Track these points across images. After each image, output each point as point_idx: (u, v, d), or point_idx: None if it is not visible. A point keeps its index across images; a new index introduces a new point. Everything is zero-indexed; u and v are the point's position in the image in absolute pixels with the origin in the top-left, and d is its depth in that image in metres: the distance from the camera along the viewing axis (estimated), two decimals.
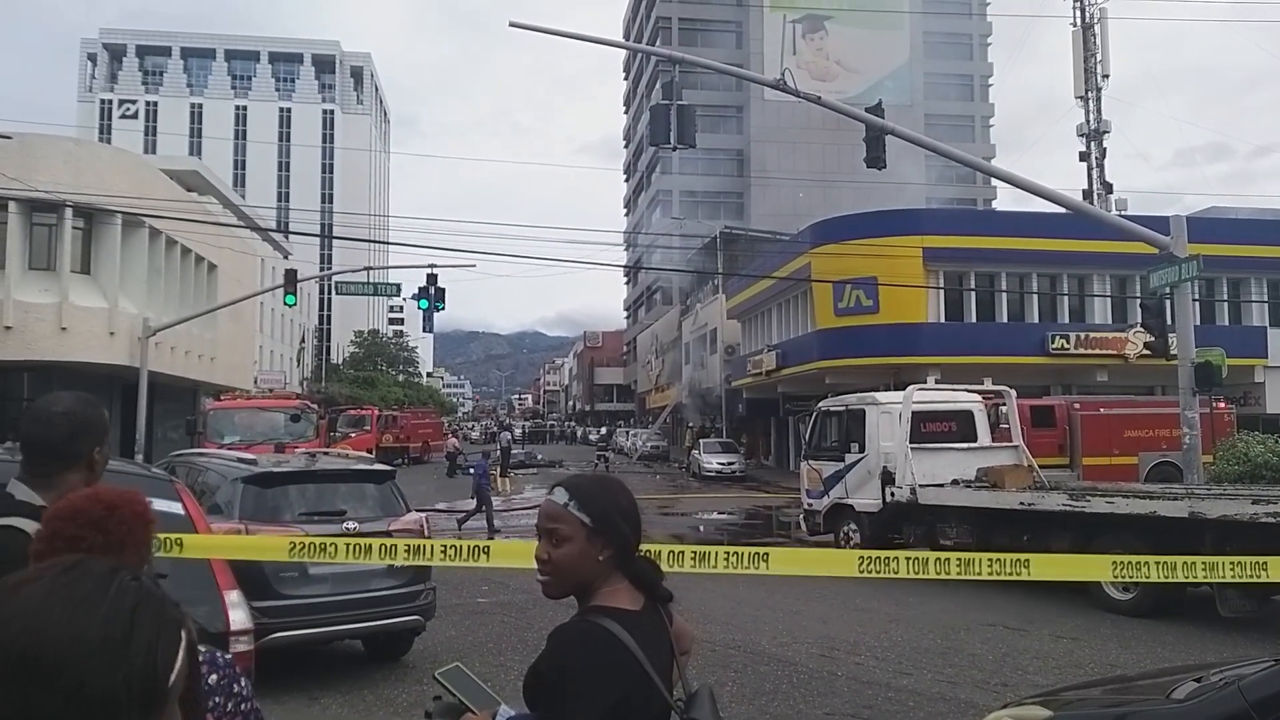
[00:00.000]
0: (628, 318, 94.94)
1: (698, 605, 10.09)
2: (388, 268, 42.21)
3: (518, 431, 74.73)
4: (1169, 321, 15.98)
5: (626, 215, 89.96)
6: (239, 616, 4.17)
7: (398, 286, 32.95)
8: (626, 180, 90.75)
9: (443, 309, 26.48)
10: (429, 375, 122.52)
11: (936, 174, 55.89)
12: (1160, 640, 8.65)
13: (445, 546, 3.54)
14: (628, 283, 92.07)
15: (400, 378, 75.31)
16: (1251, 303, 30.96)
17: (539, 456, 45.18)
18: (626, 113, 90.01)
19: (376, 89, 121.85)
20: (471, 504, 19.33)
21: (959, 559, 4.95)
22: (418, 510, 9.12)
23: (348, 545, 3.60)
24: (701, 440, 40.60)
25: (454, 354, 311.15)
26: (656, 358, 65.54)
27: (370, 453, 27.84)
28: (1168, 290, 15.58)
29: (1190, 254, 15.10)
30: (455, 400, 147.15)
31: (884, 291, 27.87)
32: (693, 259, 53.87)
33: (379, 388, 63.06)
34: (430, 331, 32.44)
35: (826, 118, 19.01)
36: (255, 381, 41.17)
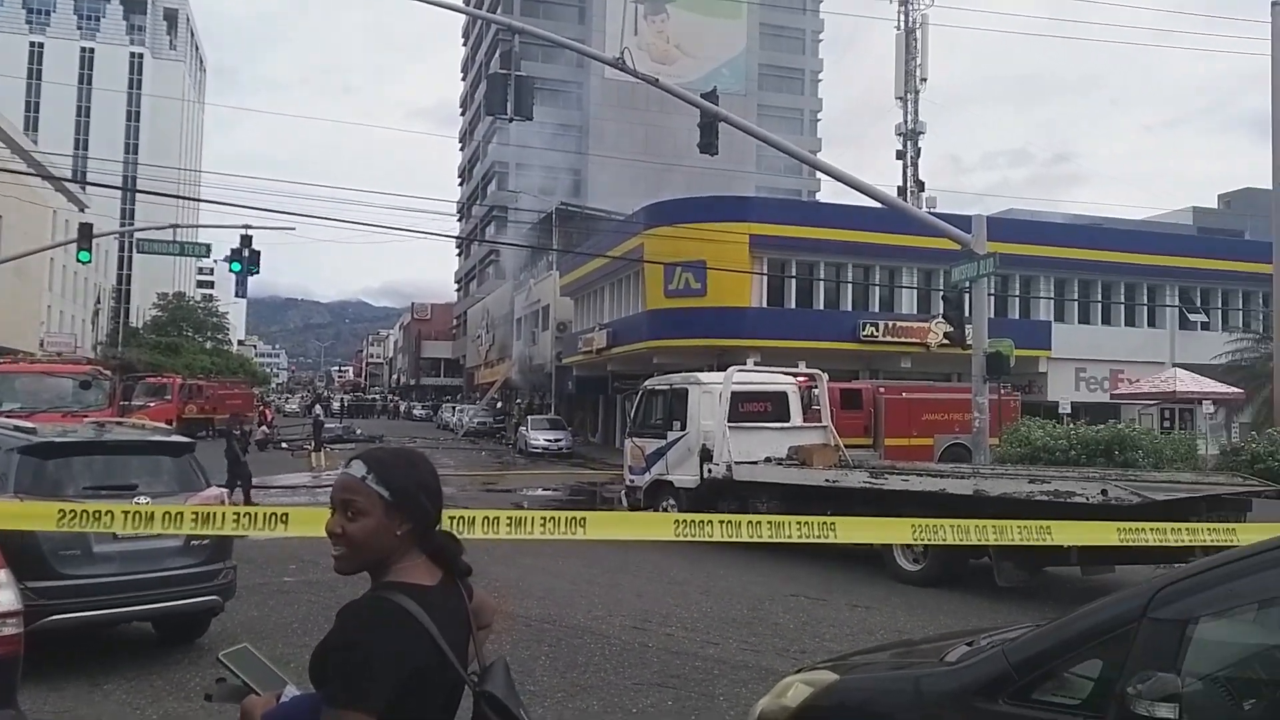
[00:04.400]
0: (458, 290, 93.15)
1: (515, 580, 10.08)
2: (197, 226, 39.63)
3: (336, 405, 71.96)
4: (967, 313, 17.23)
5: (461, 185, 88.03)
6: (6, 597, 3.81)
7: (208, 247, 30.84)
8: (461, 149, 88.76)
9: (257, 273, 25.21)
10: (240, 343, 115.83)
11: (766, 163, 57.79)
12: (943, 608, 9.34)
13: (239, 514, 3.35)
14: (460, 254, 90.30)
15: (208, 345, 70.80)
16: (1040, 299, 33.82)
17: (358, 431, 43.67)
18: (464, 79, 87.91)
19: (192, 34, 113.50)
20: None
21: (770, 521, 5.16)
22: (220, 485, 8.63)
23: (126, 514, 3.33)
24: (530, 417, 40.49)
25: (269, 322, 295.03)
26: (487, 332, 64.70)
27: (170, 424, 26.12)
28: (967, 284, 16.78)
29: (989, 251, 16.33)
30: (269, 371, 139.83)
31: (712, 275, 28.61)
32: (528, 234, 53.42)
33: (184, 355, 59.11)
34: (243, 297, 30.67)
35: (666, 100, 19.25)
36: (41, 344, 37.66)
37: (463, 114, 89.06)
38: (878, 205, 19.09)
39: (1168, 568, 4.91)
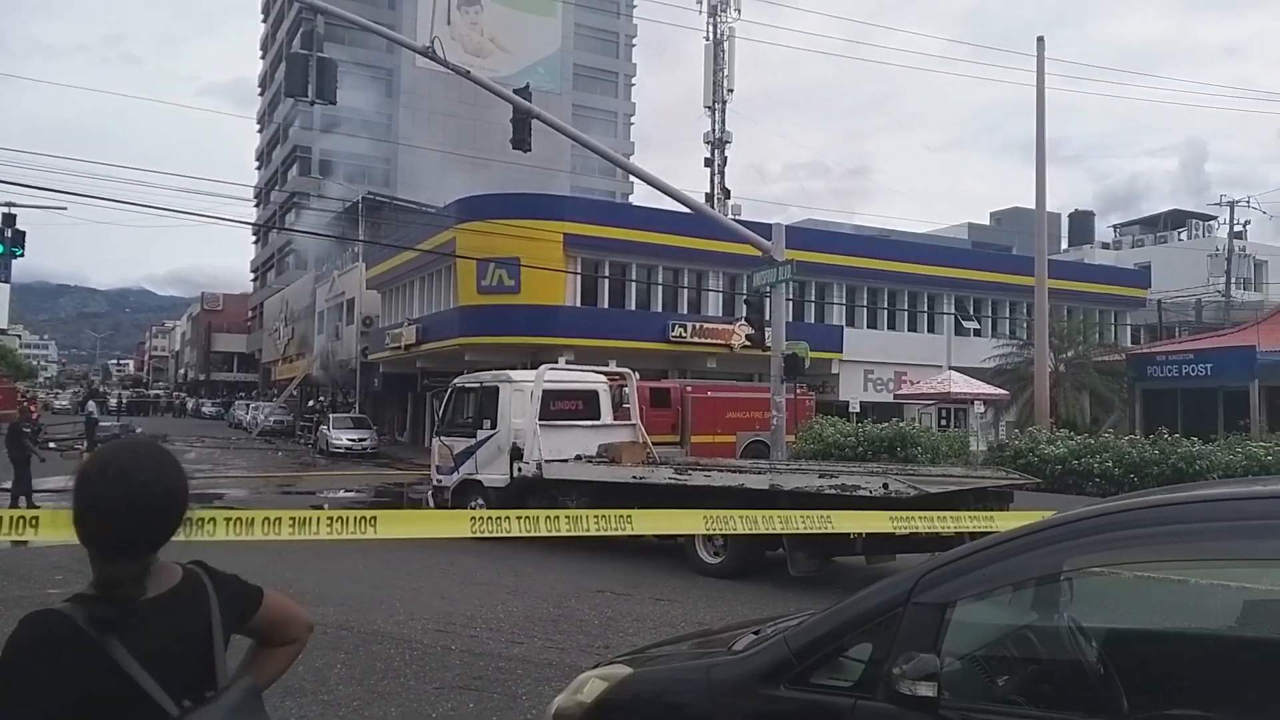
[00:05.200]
0: (255, 280, 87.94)
1: (311, 586, 9.64)
2: None
3: (113, 402, 66.35)
4: (767, 316, 18.02)
5: (258, 169, 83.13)
6: None
7: None
8: (260, 131, 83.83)
9: (21, 255, 22.83)
10: (2, 333, 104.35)
11: (581, 164, 58.15)
12: (741, 599, 9.71)
13: None
14: (256, 242, 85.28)
15: None
16: (833, 304, 35.88)
17: (138, 430, 40.37)
18: (263, 57, 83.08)
19: None
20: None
21: (568, 516, 5.19)
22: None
23: None
24: (332, 415, 38.84)
25: (36, 310, 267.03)
26: (286, 325, 61.44)
27: None
28: (768, 289, 17.57)
29: (787, 259, 17.15)
30: (36, 363, 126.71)
31: (526, 273, 28.48)
32: (332, 223, 51.14)
33: None
34: (5, 281, 27.70)
35: (480, 93, 18.98)
36: None
37: (261, 94, 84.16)
38: (687, 210, 19.62)
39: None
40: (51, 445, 32.23)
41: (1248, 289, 46.40)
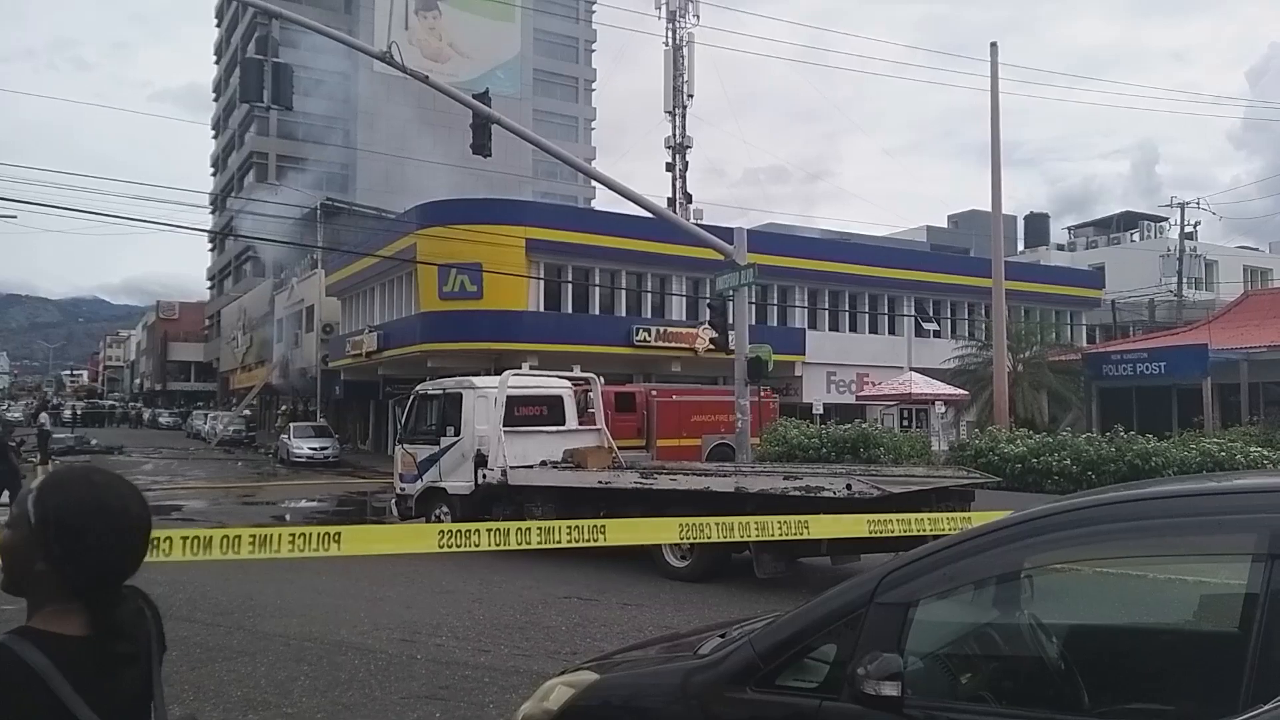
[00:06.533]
0: (211, 288, 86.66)
1: (272, 597, 9.51)
2: None
3: (67, 414, 65.03)
4: (730, 320, 18.09)
5: (214, 175, 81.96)
6: None
7: None
8: (215, 137, 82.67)
9: None
10: None
11: (543, 169, 58.01)
12: (709, 602, 9.73)
13: None
14: (213, 250, 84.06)
15: None
16: (795, 307, 36.11)
17: (93, 442, 39.60)
18: (218, 63, 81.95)
19: None
20: None
21: (540, 527, 5.15)
22: None
23: None
24: (292, 424, 38.35)
25: None
26: (244, 334, 60.60)
27: None
28: (730, 293, 17.63)
29: (749, 262, 17.23)
30: None
31: (488, 278, 28.35)
32: (290, 230, 50.55)
33: None
34: None
35: (439, 99, 18.86)
36: None
37: (216, 99, 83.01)
38: (650, 215, 19.63)
39: None
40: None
41: (1199, 288, 47.43)
